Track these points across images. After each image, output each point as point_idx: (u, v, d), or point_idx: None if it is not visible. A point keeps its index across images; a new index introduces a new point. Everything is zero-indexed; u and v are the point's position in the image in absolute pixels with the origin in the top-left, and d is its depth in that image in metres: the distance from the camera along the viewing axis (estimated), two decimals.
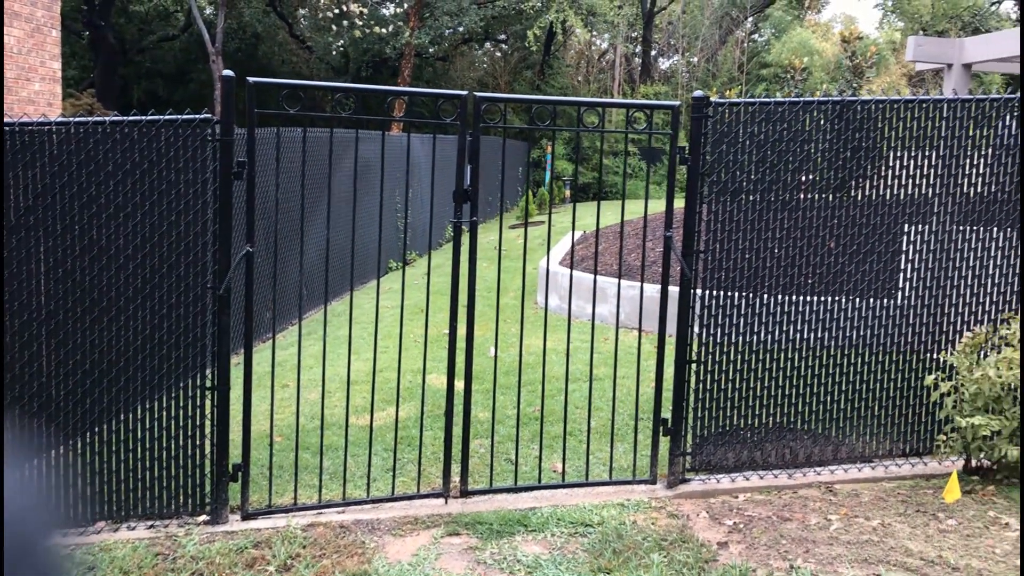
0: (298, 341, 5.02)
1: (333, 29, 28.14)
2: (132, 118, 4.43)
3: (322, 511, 4.77)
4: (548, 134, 24.75)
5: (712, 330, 5.12)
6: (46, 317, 4.46)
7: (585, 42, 35.06)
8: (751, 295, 5.16)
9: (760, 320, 5.18)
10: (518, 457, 5.27)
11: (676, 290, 5.16)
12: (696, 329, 5.12)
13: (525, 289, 5.25)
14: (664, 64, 38.74)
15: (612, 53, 35.59)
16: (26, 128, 4.37)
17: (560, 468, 5.33)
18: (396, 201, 14.24)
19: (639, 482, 5.19)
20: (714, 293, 5.10)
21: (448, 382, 4.95)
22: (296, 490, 4.85)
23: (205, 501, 4.68)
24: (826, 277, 5.26)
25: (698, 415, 5.17)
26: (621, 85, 33.23)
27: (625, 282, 9.16)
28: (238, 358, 6.90)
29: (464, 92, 4.77)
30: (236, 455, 4.77)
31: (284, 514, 4.71)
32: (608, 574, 4.06)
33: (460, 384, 5.36)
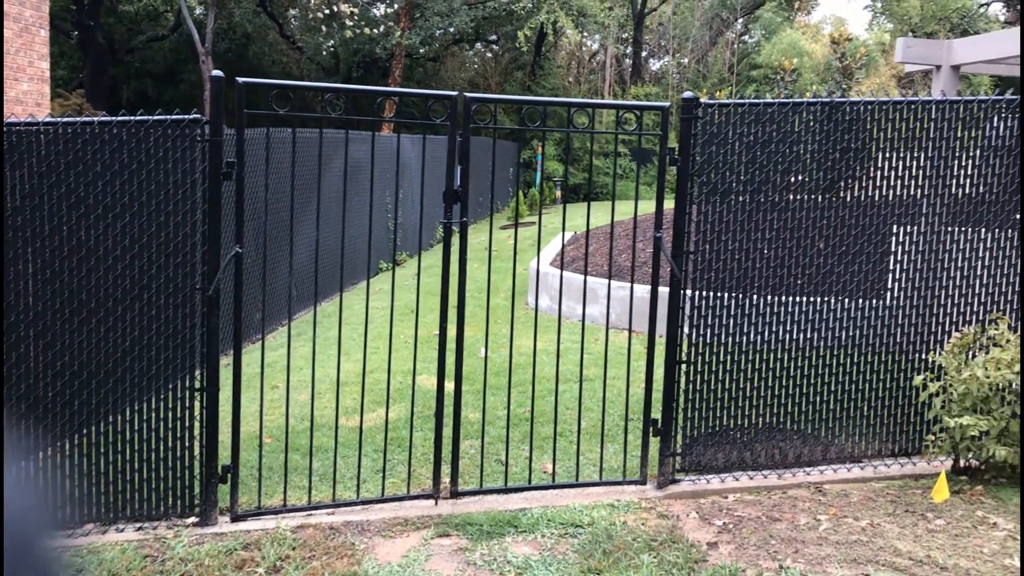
0: (287, 342, 5.01)
1: (323, 29, 28.10)
2: (120, 118, 4.41)
3: (312, 512, 4.76)
4: (539, 135, 24.76)
5: (702, 331, 5.13)
6: (34, 318, 4.44)
7: (576, 43, 35.09)
8: (741, 296, 5.17)
9: (750, 321, 5.19)
10: (508, 458, 5.27)
11: (666, 291, 5.17)
12: (686, 330, 5.13)
13: (515, 290, 5.25)
14: (655, 65, 38.80)
15: (603, 54, 35.63)
16: (13, 128, 4.35)
17: (550, 469, 5.33)
18: (386, 202, 14.22)
19: (629, 483, 5.19)
20: (704, 294, 5.11)
21: (438, 383, 4.95)
22: (286, 491, 4.84)
23: (194, 503, 4.66)
24: (815, 278, 5.27)
25: (688, 416, 5.18)
26: (612, 86, 33.27)
27: (615, 283, 9.17)
28: (227, 359, 6.89)
29: (454, 93, 4.77)
30: (225, 456, 4.75)
31: (273, 515, 4.70)
32: (598, 575, 4.06)
33: (450, 385, 5.36)
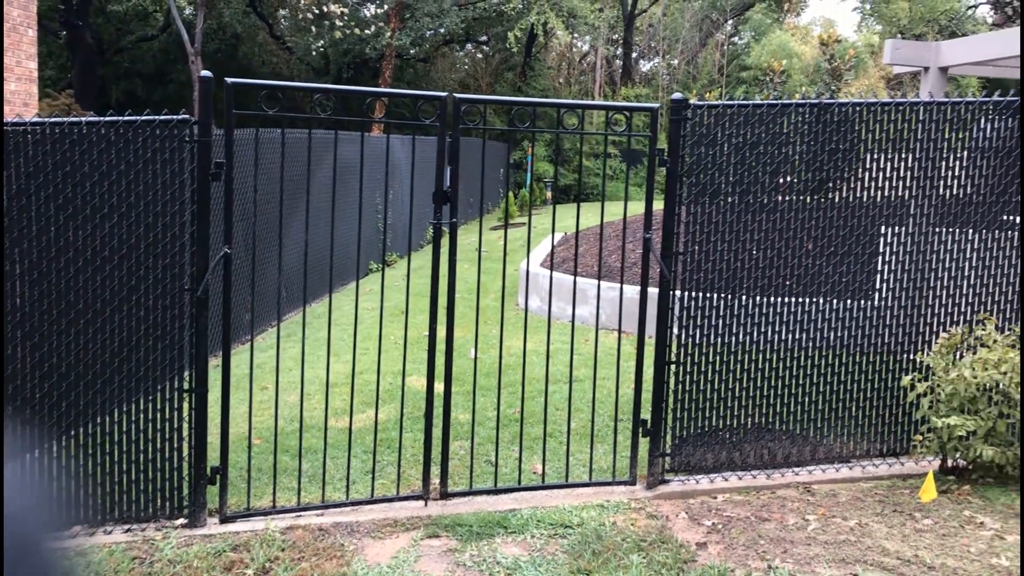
0: (277, 343, 5.00)
1: (313, 30, 28.03)
2: (109, 119, 4.39)
3: (301, 514, 4.75)
4: (529, 136, 24.77)
5: (691, 331, 5.14)
6: (21, 319, 4.42)
7: (566, 44, 35.14)
8: (730, 296, 5.18)
9: (739, 321, 5.21)
10: (498, 459, 5.27)
11: (656, 291, 5.18)
12: (675, 330, 5.14)
13: (505, 290, 5.25)
14: (645, 66, 38.90)
15: (593, 55, 35.67)
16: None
17: (540, 469, 5.34)
18: (376, 202, 14.20)
19: (619, 483, 5.20)
20: (693, 295, 5.13)
21: (428, 384, 4.95)
22: (275, 493, 4.83)
23: (183, 504, 4.65)
24: (804, 279, 5.29)
25: (677, 416, 5.19)
26: (602, 87, 33.32)
27: (605, 283, 9.18)
28: (216, 360, 6.87)
29: (444, 94, 4.77)
30: (214, 458, 4.74)
31: (263, 517, 4.69)
32: (587, 575, 4.07)
33: (440, 386, 5.36)
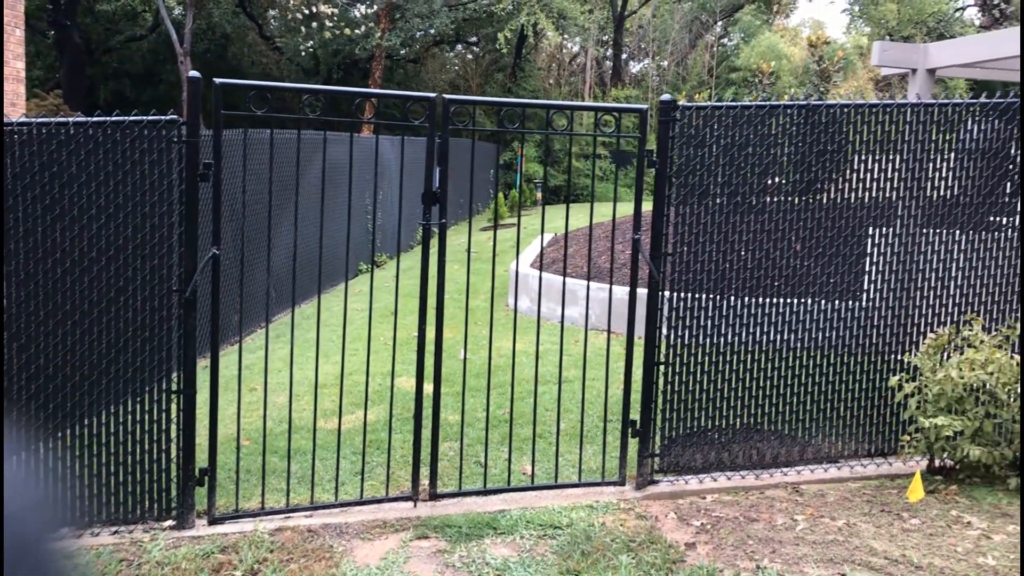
0: (265, 344, 4.99)
1: (303, 30, 27.97)
2: (96, 119, 4.37)
3: (290, 515, 4.74)
4: (519, 137, 24.79)
5: (680, 332, 5.15)
6: (7, 321, 4.39)
7: (556, 45, 35.16)
8: (718, 297, 5.20)
9: (727, 322, 5.22)
10: (487, 460, 5.27)
11: (645, 292, 5.19)
12: (664, 331, 5.15)
13: (495, 291, 5.25)
14: (635, 67, 38.98)
15: (583, 56, 35.71)
16: None
17: (530, 470, 5.34)
18: (366, 203, 14.18)
19: (608, 484, 5.20)
20: (682, 295, 5.14)
21: (417, 385, 4.94)
22: (264, 494, 4.81)
23: (171, 506, 4.63)
24: (792, 279, 5.31)
25: (666, 416, 5.20)
26: (592, 88, 33.37)
27: (595, 284, 9.19)
28: (205, 361, 6.84)
29: (433, 94, 4.77)
30: (203, 459, 4.73)
31: (251, 518, 4.68)
32: None
33: (429, 387, 5.35)
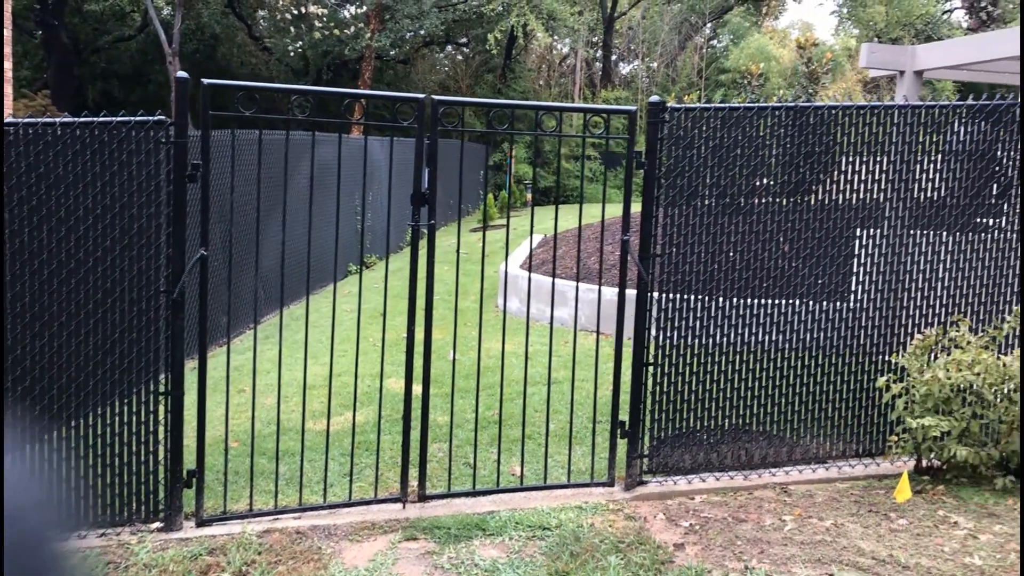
0: (254, 345, 4.98)
1: (292, 31, 27.91)
2: (83, 120, 4.35)
3: (278, 517, 4.73)
4: (509, 138, 24.79)
5: (669, 333, 5.16)
6: None
7: (546, 46, 35.18)
8: (707, 298, 5.21)
9: (716, 323, 5.23)
10: (476, 461, 5.26)
11: (634, 293, 5.20)
12: (653, 332, 5.16)
13: (484, 292, 5.25)
14: (624, 69, 39.02)
15: (573, 58, 35.76)
16: None
17: (519, 471, 5.34)
18: (355, 204, 14.16)
19: (597, 485, 5.21)
20: (671, 296, 5.15)
21: (406, 386, 4.94)
22: (252, 496, 4.80)
23: (159, 508, 4.61)
24: (780, 280, 5.33)
25: (655, 417, 5.21)
26: (582, 89, 33.41)
27: (584, 285, 9.20)
28: (193, 363, 6.81)
29: (421, 95, 4.76)
30: (190, 461, 4.71)
31: (239, 520, 4.66)
32: None
33: (418, 388, 5.34)
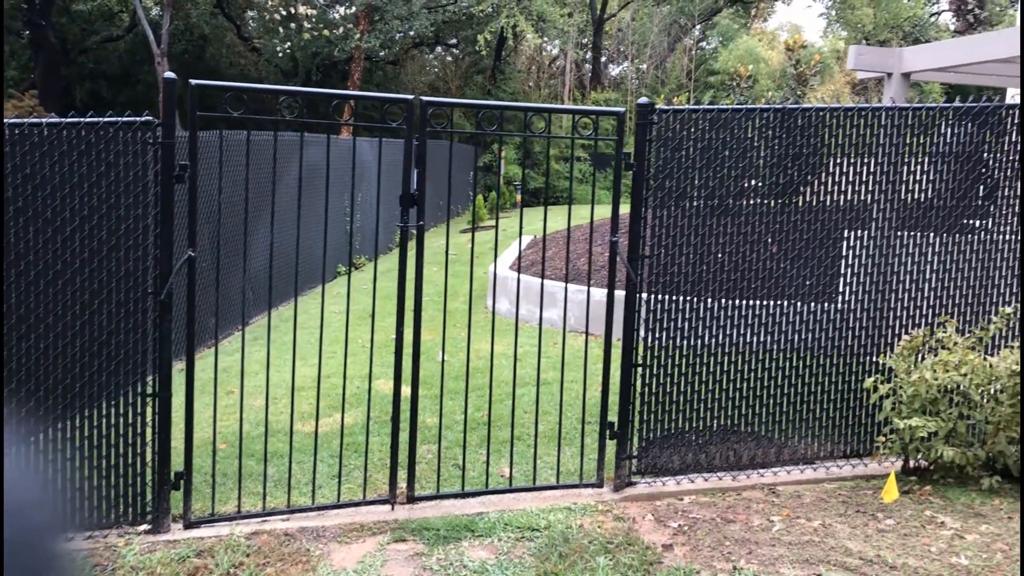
0: (242, 347, 4.96)
1: (281, 32, 27.85)
2: (70, 120, 4.33)
3: (267, 519, 4.71)
4: (498, 139, 24.78)
5: (657, 334, 5.17)
6: None
7: (536, 48, 35.21)
8: (696, 299, 5.22)
9: (704, 324, 5.24)
10: (466, 462, 5.26)
11: (622, 294, 5.20)
12: (642, 333, 5.16)
13: (473, 293, 5.25)
14: (614, 70, 39.10)
15: (563, 59, 35.80)
16: None
17: (508, 473, 5.34)
18: (344, 205, 14.14)
19: (586, 486, 5.21)
20: (659, 297, 5.16)
21: (395, 387, 4.93)
22: (240, 498, 4.78)
23: (146, 510, 4.59)
24: (769, 281, 5.34)
25: (644, 418, 5.21)
26: (572, 91, 33.43)
27: (573, 286, 9.21)
28: (181, 364, 6.79)
29: (410, 96, 4.76)
30: (178, 463, 4.69)
31: (228, 522, 4.65)
32: None
33: (407, 389, 5.33)
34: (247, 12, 31.34)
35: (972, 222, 5.64)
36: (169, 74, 4.45)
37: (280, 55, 30.81)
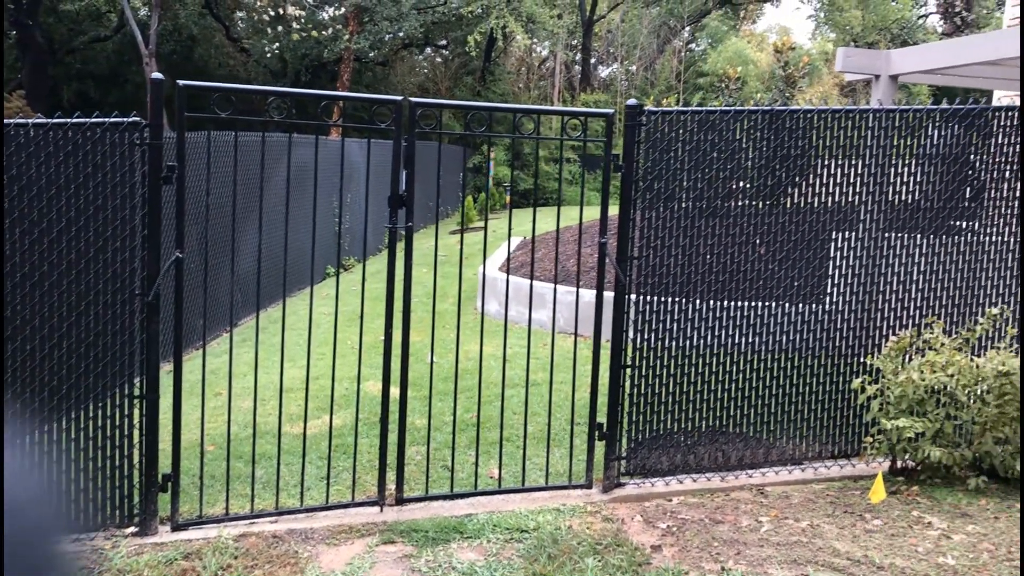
0: (230, 348, 4.94)
1: (270, 32, 27.77)
2: (57, 120, 4.31)
3: (255, 521, 4.70)
4: (487, 140, 24.75)
5: (646, 335, 5.18)
6: None
7: (525, 49, 35.23)
8: (684, 300, 5.23)
9: (693, 325, 5.26)
10: (455, 464, 5.26)
11: (611, 295, 5.21)
12: (631, 334, 5.17)
13: (463, 295, 5.25)
14: (603, 72, 39.16)
15: (552, 60, 35.82)
16: None
17: (497, 474, 5.33)
18: (333, 206, 14.11)
19: (575, 487, 5.21)
20: (648, 298, 5.17)
21: (383, 389, 4.92)
22: (228, 500, 4.77)
23: (133, 512, 4.57)
24: (757, 283, 5.36)
25: (633, 419, 5.22)
26: (561, 92, 33.46)
27: (562, 288, 9.21)
28: (168, 366, 6.76)
29: (399, 97, 4.76)
30: (166, 465, 4.67)
31: (216, 524, 4.63)
32: None
33: (396, 391, 5.33)
34: (236, 13, 31.24)
35: (959, 224, 5.67)
36: (157, 75, 4.43)
37: (269, 56, 30.70)
